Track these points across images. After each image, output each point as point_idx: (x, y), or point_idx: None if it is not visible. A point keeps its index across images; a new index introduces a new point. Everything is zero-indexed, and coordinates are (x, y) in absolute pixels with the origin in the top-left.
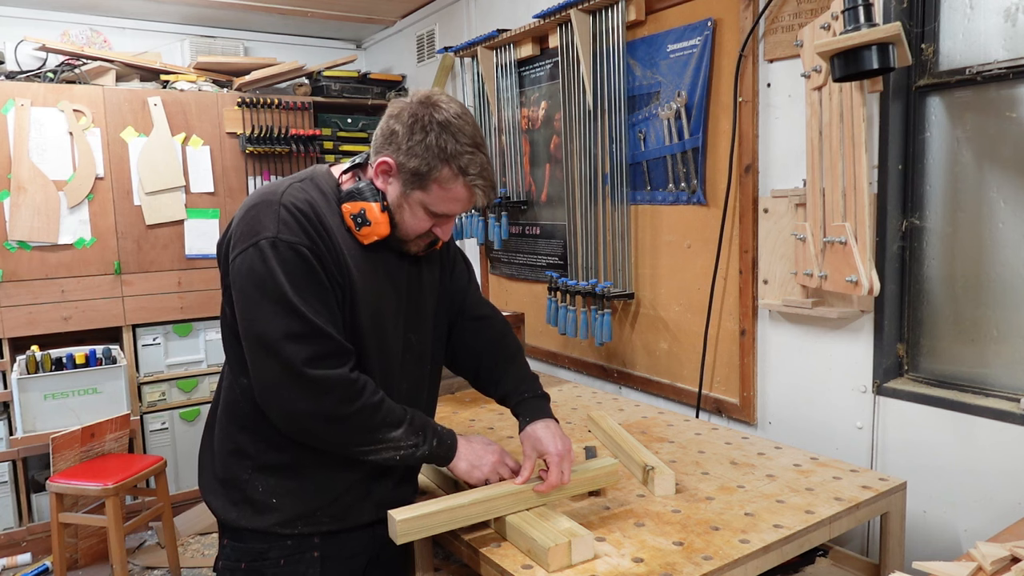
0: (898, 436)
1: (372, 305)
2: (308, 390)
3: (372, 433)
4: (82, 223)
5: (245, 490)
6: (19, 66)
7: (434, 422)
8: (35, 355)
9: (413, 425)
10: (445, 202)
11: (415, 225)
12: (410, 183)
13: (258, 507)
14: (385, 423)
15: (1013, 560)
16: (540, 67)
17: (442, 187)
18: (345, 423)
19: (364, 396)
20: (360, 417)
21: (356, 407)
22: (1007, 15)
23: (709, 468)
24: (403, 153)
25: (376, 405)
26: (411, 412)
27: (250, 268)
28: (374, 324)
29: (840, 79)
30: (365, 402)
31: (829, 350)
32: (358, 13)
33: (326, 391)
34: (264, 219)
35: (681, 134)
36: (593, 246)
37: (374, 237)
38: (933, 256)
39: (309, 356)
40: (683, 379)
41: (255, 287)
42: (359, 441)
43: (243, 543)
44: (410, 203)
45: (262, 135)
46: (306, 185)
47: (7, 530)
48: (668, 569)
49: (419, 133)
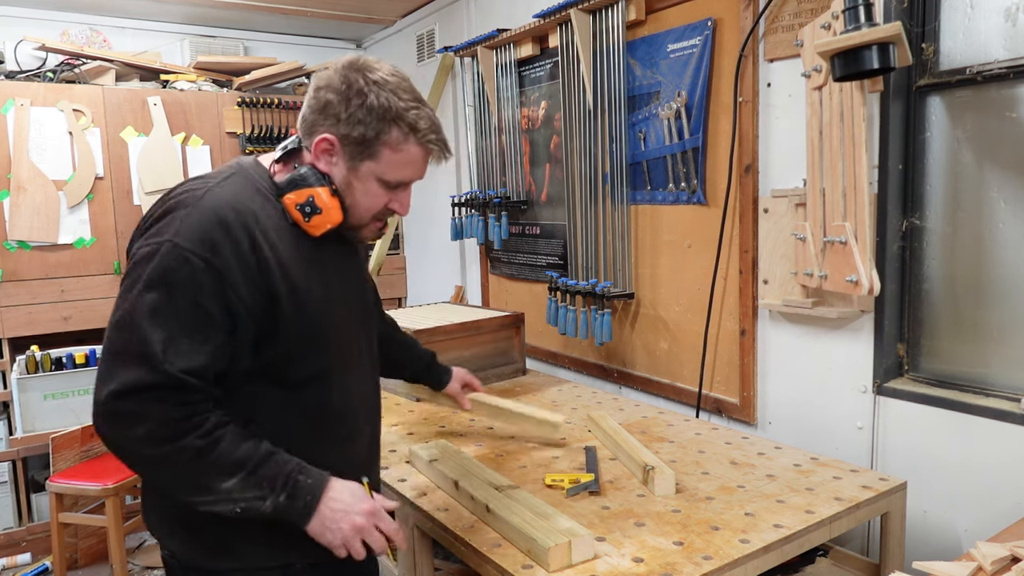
0: (898, 436)
1: (323, 310)
2: (114, 420)
3: (196, 479)
4: (82, 223)
5: (208, 530)
6: (19, 66)
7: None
8: (35, 355)
9: (257, 475)
10: (399, 167)
11: (369, 203)
12: (357, 155)
13: (228, 547)
14: (213, 470)
15: (1013, 560)
16: (540, 67)
17: (393, 150)
18: (154, 465)
19: (183, 438)
20: (174, 460)
21: (166, 450)
22: (1007, 15)
23: (709, 468)
24: (343, 124)
25: (200, 449)
26: (262, 455)
27: (135, 263)
28: (331, 329)
29: (840, 79)
30: (183, 444)
31: (829, 350)
32: (358, 13)
33: (130, 425)
34: (173, 220)
35: (681, 134)
36: (593, 246)
37: (327, 226)
38: (933, 256)
39: (126, 387)
40: (683, 379)
41: (126, 288)
42: (181, 488)
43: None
44: (360, 178)
45: (262, 135)
46: (234, 182)
47: (7, 530)
48: (668, 569)
49: (357, 97)
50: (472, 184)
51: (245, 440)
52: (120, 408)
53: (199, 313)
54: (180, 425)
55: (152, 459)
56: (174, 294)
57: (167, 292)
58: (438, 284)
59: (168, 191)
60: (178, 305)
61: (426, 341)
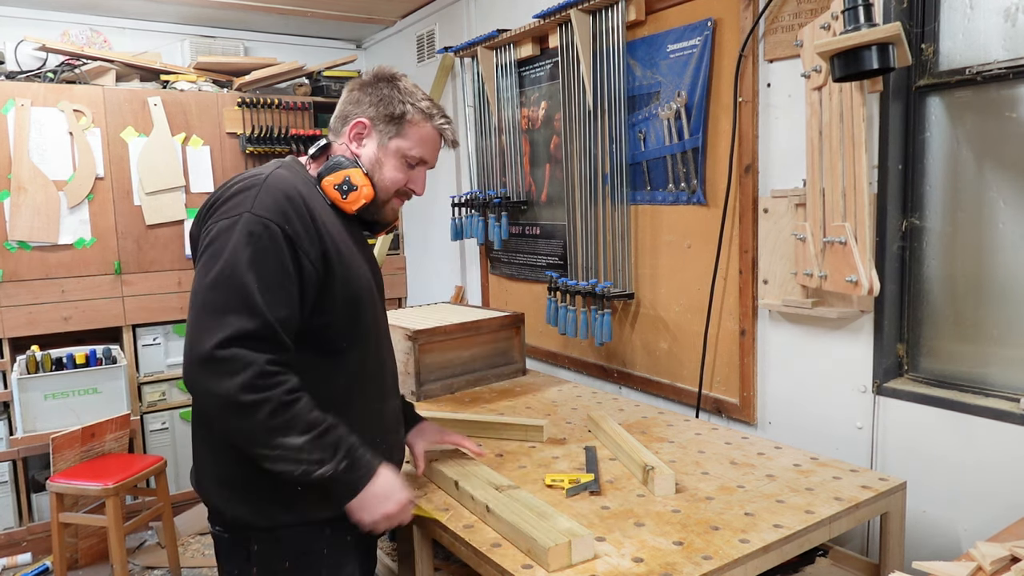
0: (898, 436)
1: (361, 281)
2: (216, 367)
3: (271, 434)
4: (82, 223)
5: (265, 487)
6: (19, 66)
7: (361, 446)
8: (35, 355)
9: (325, 439)
10: (420, 144)
11: (393, 178)
12: (388, 131)
13: (286, 501)
14: (288, 426)
15: (1013, 560)
16: (540, 67)
17: (416, 128)
18: (243, 413)
19: (274, 389)
20: (261, 410)
21: (259, 397)
22: (1007, 15)
23: (709, 468)
24: (375, 107)
25: (285, 404)
26: (332, 423)
27: (216, 236)
28: (367, 299)
29: (840, 79)
30: (271, 396)
31: (829, 350)
32: (358, 13)
33: (232, 372)
34: (246, 198)
35: (681, 134)
36: (593, 246)
37: (361, 201)
38: (933, 256)
39: (230, 335)
40: (683, 379)
41: (214, 254)
42: (256, 440)
43: (279, 542)
44: (388, 154)
45: (262, 135)
46: (285, 171)
47: (7, 530)
48: (668, 569)
49: (385, 87)
50: (472, 184)
51: (316, 407)
52: (224, 356)
53: (283, 271)
54: (274, 377)
55: (243, 407)
56: (262, 253)
57: (256, 250)
58: (438, 284)
59: (223, 185)
60: (268, 262)
61: (426, 341)
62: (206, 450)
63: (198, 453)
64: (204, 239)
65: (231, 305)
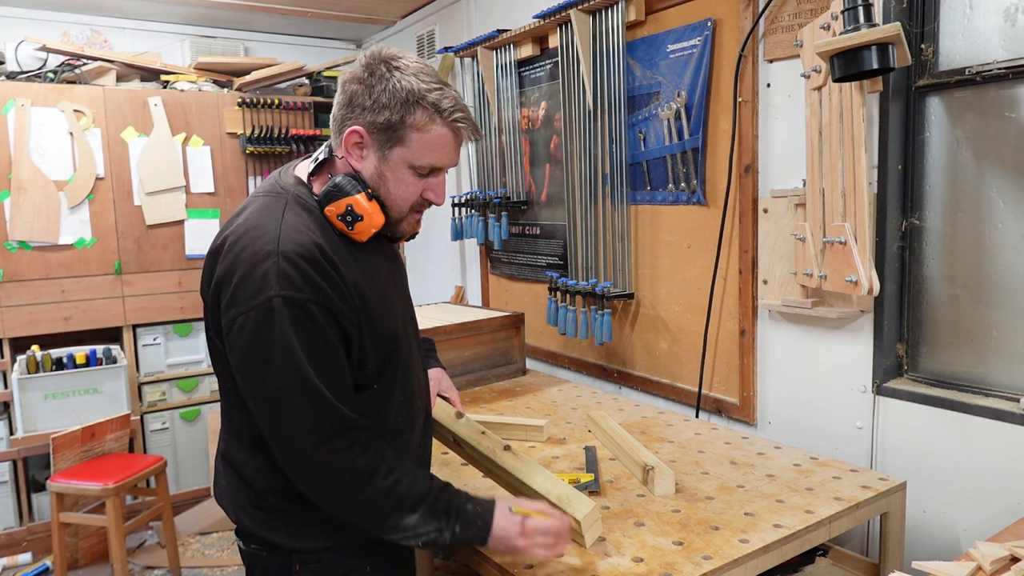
0: (898, 436)
1: (391, 317)
2: (316, 472)
3: (384, 520)
4: (82, 223)
5: (308, 515)
6: (19, 66)
7: (464, 498)
8: (35, 355)
9: (435, 508)
10: (429, 150)
11: (403, 193)
12: (386, 142)
13: (328, 526)
14: (399, 508)
15: (1012, 560)
16: (540, 67)
17: (421, 132)
18: (353, 510)
19: (374, 481)
20: (369, 505)
21: (365, 495)
22: (1006, 15)
23: (709, 468)
24: (369, 112)
25: (387, 490)
26: (436, 490)
27: (255, 333)
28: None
29: (840, 79)
30: (375, 488)
31: (829, 350)
32: (358, 13)
33: (333, 477)
34: (267, 275)
35: (681, 134)
36: (593, 246)
37: (371, 231)
38: (933, 256)
39: (319, 438)
40: (683, 379)
41: (262, 353)
42: (372, 526)
43: (323, 563)
44: (392, 168)
45: (262, 135)
46: (292, 214)
47: (8, 530)
48: (668, 569)
49: (380, 83)
50: (472, 184)
51: (417, 474)
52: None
53: (334, 350)
54: (368, 471)
55: (350, 508)
56: (312, 341)
57: (305, 340)
58: (438, 284)
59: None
60: (321, 348)
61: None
62: (236, 477)
63: (227, 475)
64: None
65: (306, 405)
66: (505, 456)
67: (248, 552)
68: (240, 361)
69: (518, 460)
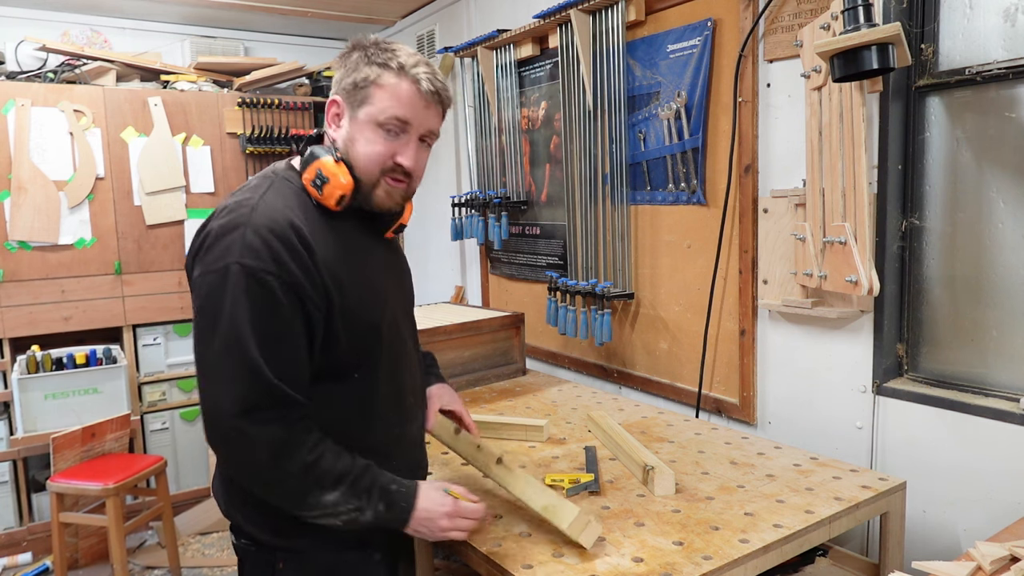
0: (898, 436)
1: (370, 305)
2: (235, 441)
3: (303, 497)
4: (82, 223)
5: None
6: (19, 66)
7: (388, 479)
8: (35, 355)
9: (357, 486)
10: (391, 104)
11: (370, 152)
12: (355, 104)
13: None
14: (319, 485)
15: (1012, 560)
16: (540, 67)
17: (383, 88)
18: (269, 487)
19: (295, 456)
20: (286, 482)
21: (283, 470)
22: (1006, 15)
23: (709, 468)
24: (344, 79)
25: (308, 466)
26: (359, 468)
27: (208, 294)
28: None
29: (840, 79)
30: (295, 463)
31: (829, 350)
32: (358, 13)
33: (251, 447)
34: (232, 242)
35: (681, 134)
36: (593, 246)
37: (337, 192)
38: (933, 256)
39: (242, 408)
40: (683, 379)
41: (209, 316)
42: (291, 504)
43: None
44: (360, 128)
45: (262, 135)
46: (275, 191)
47: (8, 530)
48: (668, 569)
49: (354, 54)
50: (472, 184)
51: (342, 453)
52: (240, 430)
53: (285, 326)
54: (289, 444)
55: (268, 482)
56: (261, 311)
57: (254, 310)
58: (438, 284)
59: (211, 215)
60: (270, 321)
61: (426, 341)
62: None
63: (219, 469)
64: (194, 289)
65: (239, 374)
66: (496, 469)
67: (239, 547)
68: (193, 323)
69: (508, 474)
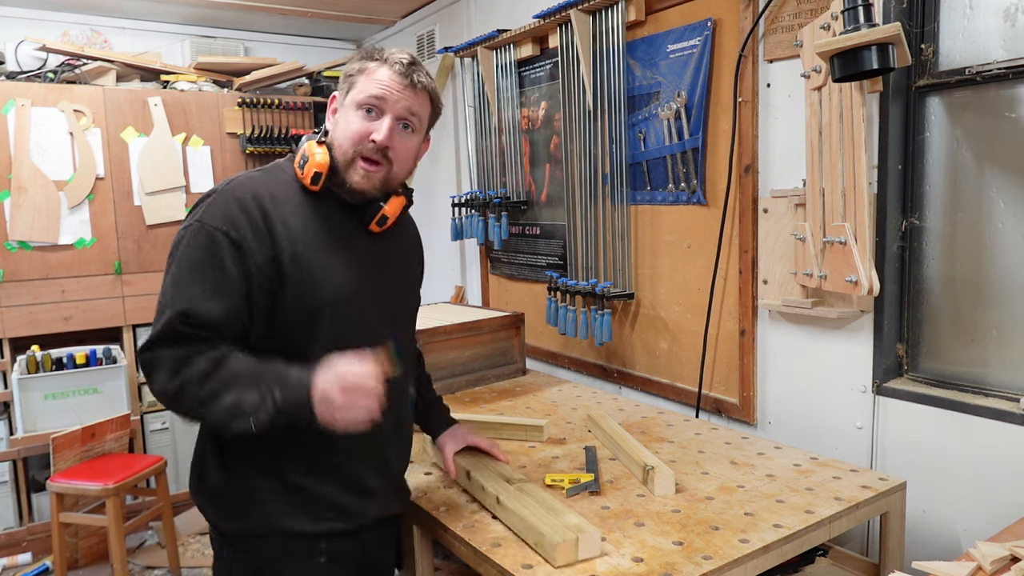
0: (898, 436)
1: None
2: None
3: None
4: (82, 223)
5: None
6: (19, 66)
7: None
8: (35, 355)
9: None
10: (369, 85)
11: (347, 130)
12: (344, 92)
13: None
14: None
15: (1013, 560)
16: (540, 67)
17: (365, 74)
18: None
19: (193, 365)
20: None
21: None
22: (1006, 15)
23: (709, 468)
24: (342, 78)
25: (205, 374)
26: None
27: (172, 249)
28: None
29: (840, 79)
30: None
31: (829, 350)
32: (358, 13)
33: (159, 364)
34: (200, 206)
35: (681, 134)
36: (593, 246)
37: (312, 170)
38: (933, 256)
39: (149, 338)
40: (683, 379)
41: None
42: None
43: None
44: (344, 112)
45: (262, 135)
46: (264, 172)
47: (7, 530)
48: (668, 569)
49: (356, 55)
50: (472, 184)
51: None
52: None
53: (219, 275)
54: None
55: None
56: (199, 262)
57: (193, 259)
58: (438, 284)
59: None
60: (203, 270)
61: (426, 341)
62: (196, 456)
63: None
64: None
65: (165, 311)
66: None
67: (210, 535)
68: None
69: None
